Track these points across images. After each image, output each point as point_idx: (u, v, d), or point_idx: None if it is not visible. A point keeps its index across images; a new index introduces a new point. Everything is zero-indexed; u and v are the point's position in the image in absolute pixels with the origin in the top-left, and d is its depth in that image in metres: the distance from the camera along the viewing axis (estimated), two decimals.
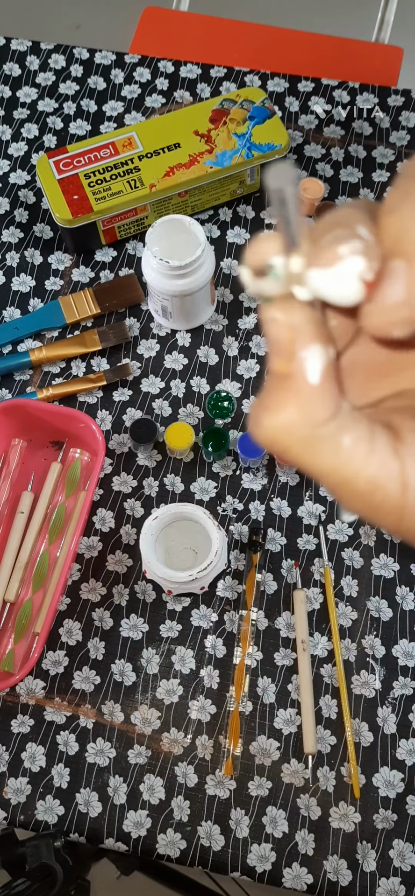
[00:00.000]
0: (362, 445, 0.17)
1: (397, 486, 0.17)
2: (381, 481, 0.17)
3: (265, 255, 0.16)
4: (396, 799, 0.51)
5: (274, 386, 0.17)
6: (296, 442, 0.17)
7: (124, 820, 0.51)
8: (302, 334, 0.16)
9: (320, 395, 0.17)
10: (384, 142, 0.74)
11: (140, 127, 0.69)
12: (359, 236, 0.16)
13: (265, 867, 0.50)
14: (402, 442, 0.17)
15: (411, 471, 0.17)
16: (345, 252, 0.15)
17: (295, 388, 0.17)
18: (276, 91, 0.77)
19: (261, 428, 0.17)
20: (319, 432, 0.17)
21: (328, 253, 0.16)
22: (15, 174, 0.73)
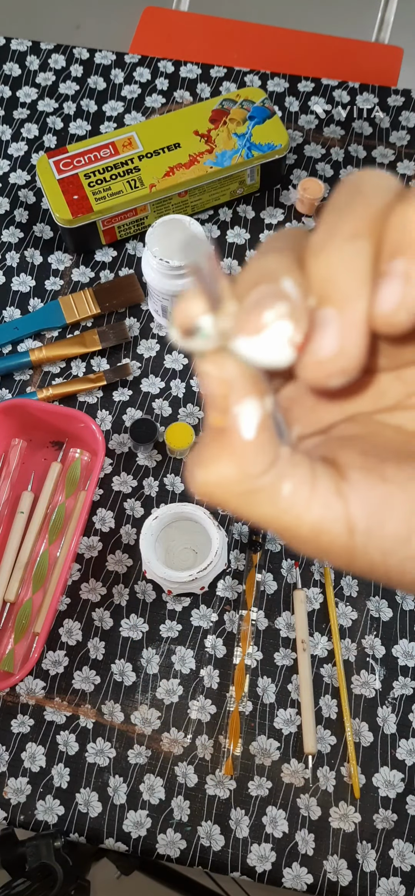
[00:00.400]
0: (303, 490, 0.16)
1: (342, 528, 0.16)
2: (325, 525, 0.16)
3: (192, 317, 0.15)
4: (396, 799, 0.51)
5: (209, 439, 0.16)
6: (232, 496, 0.16)
7: (124, 820, 0.51)
8: (235, 389, 0.15)
9: (256, 449, 0.16)
10: (384, 142, 0.74)
11: (140, 127, 0.69)
12: (284, 294, 0.15)
13: (265, 867, 0.50)
14: (346, 480, 0.16)
15: (356, 511, 0.16)
16: (270, 318, 0.14)
17: (230, 442, 0.16)
18: (276, 91, 0.77)
19: (196, 482, 0.17)
20: (255, 485, 0.16)
21: (253, 319, 0.15)
22: (15, 174, 0.73)
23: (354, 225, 0.15)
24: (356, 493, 0.16)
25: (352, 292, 0.15)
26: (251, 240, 0.70)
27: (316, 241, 0.15)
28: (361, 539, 0.16)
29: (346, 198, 0.16)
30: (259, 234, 0.70)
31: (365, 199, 0.15)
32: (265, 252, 0.16)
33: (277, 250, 0.16)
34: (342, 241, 0.15)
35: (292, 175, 0.72)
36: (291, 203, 0.71)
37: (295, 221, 0.70)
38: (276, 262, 0.15)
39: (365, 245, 0.15)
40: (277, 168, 0.70)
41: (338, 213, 0.15)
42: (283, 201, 0.71)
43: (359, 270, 0.15)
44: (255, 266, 0.16)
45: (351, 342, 0.15)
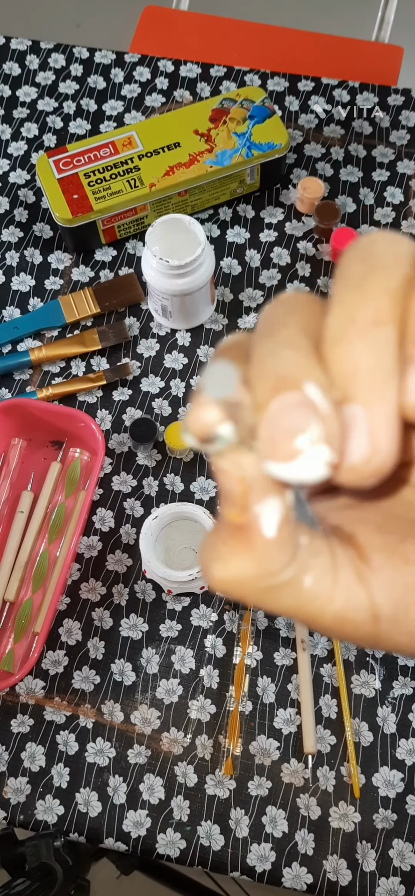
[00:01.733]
0: (325, 581, 0.15)
1: (366, 616, 0.16)
2: (348, 615, 0.16)
3: (209, 426, 0.14)
4: (395, 799, 0.51)
5: (225, 534, 0.15)
6: (252, 592, 0.16)
7: (124, 819, 0.51)
8: (256, 487, 0.15)
9: (276, 546, 0.15)
10: (384, 141, 0.74)
11: (140, 126, 0.69)
12: (313, 407, 0.13)
13: (265, 867, 0.50)
14: (367, 564, 0.16)
15: (380, 599, 0.15)
16: (304, 444, 0.13)
17: (249, 539, 0.15)
18: (276, 90, 0.77)
19: (212, 578, 0.16)
20: (275, 581, 0.15)
21: (284, 447, 0.13)
22: (15, 173, 0.73)
23: (375, 308, 0.14)
24: (379, 579, 0.16)
25: (380, 386, 0.13)
26: (251, 239, 0.70)
27: (334, 328, 0.14)
28: (386, 626, 0.16)
29: (360, 270, 0.14)
30: (259, 234, 0.70)
31: (383, 274, 0.14)
32: (273, 334, 0.14)
33: (289, 340, 0.14)
34: (364, 329, 0.14)
35: (292, 174, 0.72)
36: (291, 202, 0.71)
37: (295, 221, 0.70)
38: (292, 359, 0.14)
39: (389, 332, 0.14)
40: (277, 167, 0.70)
41: (354, 291, 0.14)
42: (283, 201, 0.71)
43: (385, 361, 0.13)
44: (268, 362, 0.14)
45: (384, 440, 0.14)
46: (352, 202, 0.71)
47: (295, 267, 0.69)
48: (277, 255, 0.69)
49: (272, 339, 0.14)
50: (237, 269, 0.69)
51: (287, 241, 0.70)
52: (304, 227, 0.70)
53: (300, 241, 0.70)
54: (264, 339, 0.15)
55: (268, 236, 0.70)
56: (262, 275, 0.68)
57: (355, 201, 0.71)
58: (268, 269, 0.69)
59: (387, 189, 0.72)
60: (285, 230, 0.70)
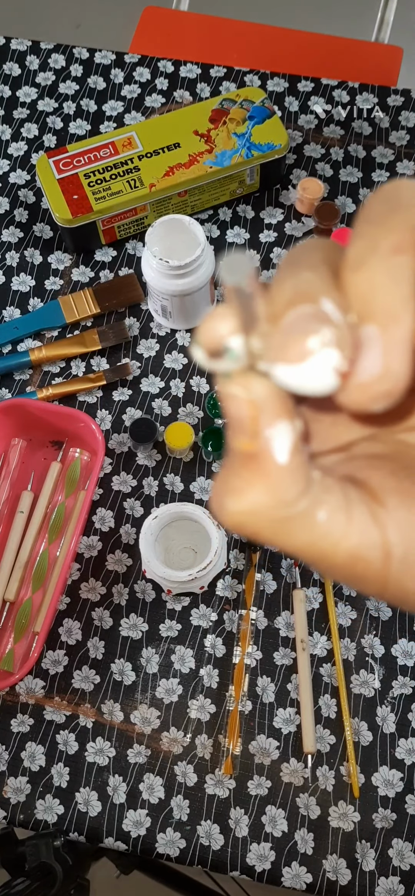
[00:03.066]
0: (339, 516, 0.15)
1: (378, 555, 0.16)
2: (362, 552, 0.16)
3: (221, 337, 0.14)
4: (395, 798, 0.51)
5: (237, 466, 0.15)
6: (266, 525, 0.15)
7: (124, 819, 0.51)
8: (266, 411, 0.15)
9: (290, 474, 0.15)
10: (384, 142, 0.74)
11: (140, 127, 0.69)
12: (326, 316, 0.14)
13: (265, 866, 0.50)
14: (382, 505, 0.16)
15: (393, 538, 0.16)
16: (315, 345, 0.13)
17: (261, 468, 0.15)
18: (275, 91, 0.77)
19: (226, 513, 0.16)
20: (290, 512, 0.15)
21: (296, 346, 0.14)
22: (15, 174, 0.73)
23: (396, 238, 0.14)
24: (393, 520, 0.16)
25: (396, 309, 0.14)
26: (251, 239, 0.70)
27: (354, 255, 0.14)
28: (396, 566, 0.16)
29: (382, 208, 0.15)
30: (259, 234, 0.70)
31: (406, 211, 0.14)
32: (296, 265, 0.15)
33: (310, 265, 0.14)
34: (385, 256, 0.14)
35: (292, 175, 0.72)
36: (291, 203, 0.71)
37: (294, 221, 0.70)
38: (311, 279, 0.14)
39: (409, 260, 0.14)
40: (277, 168, 0.70)
41: (376, 226, 0.14)
42: (282, 201, 0.71)
43: (403, 286, 0.14)
44: (288, 282, 0.14)
45: (397, 362, 0.14)
46: (352, 203, 0.71)
47: None
48: (277, 255, 0.69)
49: (294, 266, 0.15)
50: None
51: (287, 241, 0.70)
52: (303, 228, 0.70)
53: (300, 241, 0.70)
54: (287, 267, 0.15)
55: (268, 237, 0.70)
56: (261, 275, 0.68)
57: (355, 202, 0.71)
58: (268, 269, 0.69)
59: None
60: (285, 231, 0.70)
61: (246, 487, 0.15)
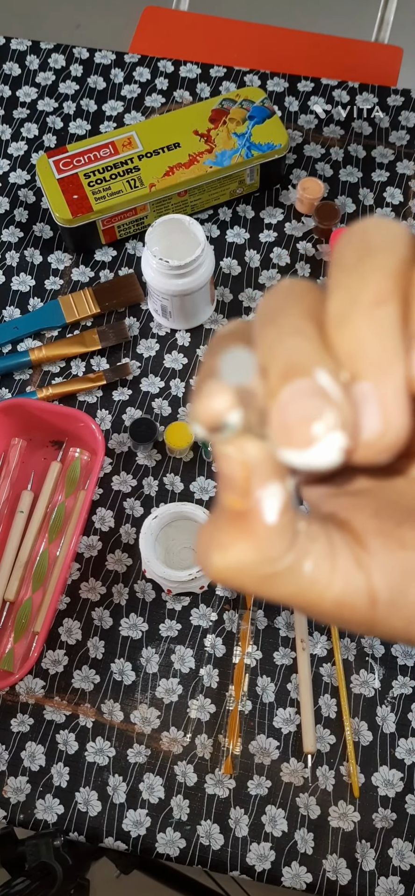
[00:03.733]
0: (324, 565, 0.15)
1: (364, 600, 0.16)
2: (347, 599, 0.16)
3: (218, 414, 0.14)
4: (395, 798, 0.51)
5: (224, 521, 0.15)
6: (251, 580, 0.15)
7: (124, 819, 0.51)
8: (258, 472, 0.14)
9: (277, 533, 0.15)
10: (384, 142, 0.74)
11: (140, 127, 0.69)
12: (326, 394, 0.13)
13: (265, 866, 0.50)
14: (365, 549, 0.16)
15: (378, 583, 0.16)
16: (320, 431, 0.13)
17: (249, 527, 0.15)
18: (275, 91, 0.77)
19: (211, 567, 0.16)
20: (275, 568, 0.15)
21: (300, 434, 0.14)
22: (15, 174, 0.73)
23: (375, 289, 0.14)
24: (377, 563, 0.16)
25: (387, 361, 0.14)
26: (251, 239, 0.70)
27: (336, 311, 0.14)
28: (383, 609, 0.16)
29: (355, 254, 0.14)
30: (259, 234, 0.70)
31: (379, 256, 0.14)
32: (278, 322, 0.14)
33: (295, 327, 0.14)
34: (367, 309, 0.14)
35: (292, 175, 0.72)
36: (291, 203, 0.71)
37: (294, 221, 0.70)
38: (301, 347, 0.14)
39: (392, 309, 0.14)
40: (277, 168, 0.70)
41: (352, 275, 0.14)
42: (282, 201, 0.71)
43: (390, 338, 0.14)
44: (278, 348, 0.14)
45: (395, 415, 0.14)
46: (352, 203, 0.71)
47: (295, 267, 0.69)
48: (277, 255, 0.69)
49: (277, 326, 0.14)
50: (237, 269, 0.69)
51: (287, 241, 0.70)
52: (303, 228, 0.70)
53: (300, 241, 0.70)
54: (269, 327, 0.15)
55: (268, 237, 0.70)
56: (261, 275, 0.68)
57: (355, 202, 0.71)
58: (268, 269, 0.69)
59: (387, 189, 0.72)
60: (285, 230, 0.70)
61: (232, 544, 0.15)
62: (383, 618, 0.16)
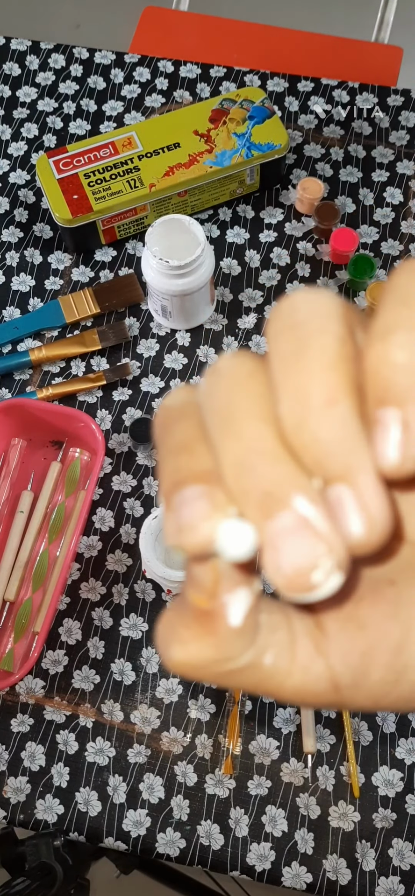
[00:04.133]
0: (283, 657, 0.15)
1: (327, 686, 0.15)
2: (308, 687, 0.15)
3: (208, 545, 0.14)
4: (395, 798, 0.51)
5: (186, 616, 0.15)
6: (209, 675, 0.15)
7: (124, 819, 0.51)
8: (226, 578, 0.14)
9: (240, 633, 0.15)
10: (384, 142, 0.74)
11: (140, 127, 0.69)
12: (315, 530, 0.13)
13: (265, 866, 0.50)
14: (324, 634, 0.15)
15: (338, 668, 0.15)
16: (319, 578, 0.13)
17: (211, 626, 0.15)
18: (275, 91, 0.77)
19: (170, 659, 0.15)
20: (235, 666, 0.15)
21: (299, 583, 0.13)
22: (15, 174, 0.73)
23: (324, 388, 0.13)
24: (336, 648, 0.15)
25: (354, 459, 0.13)
26: (251, 239, 0.70)
27: (291, 418, 0.14)
28: (348, 692, 0.15)
29: (292, 346, 0.14)
30: (259, 234, 0.70)
31: (316, 345, 0.14)
32: (235, 429, 0.14)
33: (259, 446, 0.14)
34: (321, 412, 0.13)
35: (292, 175, 0.72)
36: (291, 203, 0.71)
37: (294, 221, 0.70)
38: (273, 472, 0.13)
39: (346, 406, 0.13)
40: (277, 168, 0.70)
41: (294, 373, 0.14)
42: (282, 201, 0.71)
43: (352, 436, 0.13)
44: (247, 475, 0.14)
45: (376, 508, 0.13)
46: (352, 203, 0.71)
47: (295, 267, 0.69)
48: (277, 255, 0.69)
49: (237, 438, 0.14)
50: (237, 269, 0.69)
51: (287, 241, 0.70)
52: (303, 228, 0.70)
53: (300, 241, 0.70)
54: (228, 437, 0.14)
55: (268, 237, 0.70)
56: (261, 275, 0.68)
57: (355, 202, 0.71)
58: (268, 269, 0.69)
59: (386, 189, 0.72)
60: (285, 231, 0.70)
61: (193, 640, 0.15)
62: (349, 699, 0.16)
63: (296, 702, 0.16)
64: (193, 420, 0.15)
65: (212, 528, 0.14)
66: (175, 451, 0.15)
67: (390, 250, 0.69)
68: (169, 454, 0.15)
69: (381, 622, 0.15)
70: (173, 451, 0.15)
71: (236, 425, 0.14)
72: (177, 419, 0.15)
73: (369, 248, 0.69)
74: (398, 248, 0.69)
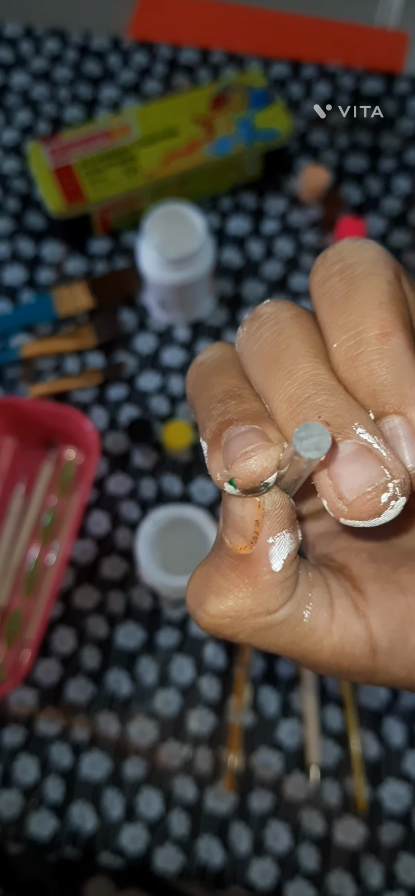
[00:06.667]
0: (322, 613, 0.15)
1: (365, 649, 0.15)
2: (347, 648, 0.15)
3: (259, 477, 0.14)
4: (402, 812, 0.49)
5: (224, 566, 0.15)
6: (246, 629, 0.15)
7: (120, 834, 0.49)
8: (272, 520, 0.14)
9: (280, 583, 0.14)
10: (390, 129, 0.72)
11: (137, 113, 0.66)
12: (379, 456, 0.13)
13: (267, 882, 0.48)
14: (363, 596, 0.15)
15: (378, 630, 0.15)
16: (385, 499, 0.13)
17: (251, 573, 0.14)
18: (278, 77, 0.74)
19: (205, 612, 0.15)
20: (274, 619, 0.15)
21: (367, 507, 0.13)
22: (7, 162, 0.71)
23: (378, 322, 0.14)
24: (376, 610, 0.15)
25: (409, 392, 0.14)
26: (252, 230, 0.67)
27: (345, 353, 0.14)
28: (384, 658, 0.15)
29: (343, 286, 0.14)
30: (261, 224, 0.68)
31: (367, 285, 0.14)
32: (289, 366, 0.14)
33: (315, 378, 0.14)
34: (377, 345, 0.14)
35: (295, 163, 0.70)
36: (295, 191, 0.69)
37: (298, 210, 0.68)
38: (332, 403, 0.13)
39: (400, 339, 0.14)
40: (280, 155, 0.67)
41: (347, 311, 0.14)
42: (286, 190, 0.69)
43: (406, 366, 0.14)
44: (306, 407, 0.14)
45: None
46: (357, 191, 0.69)
47: (298, 259, 0.66)
48: (280, 246, 0.67)
49: (288, 377, 0.14)
50: (238, 261, 0.66)
51: (290, 231, 0.67)
52: (308, 218, 0.68)
53: (304, 231, 0.67)
54: (278, 377, 0.14)
55: (270, 226, 0.68)
56: (264, 267, 0.66)
57: (361, 190, 0.69)
58: (270, 260, 0.66)
59: (393, 177, 0.69)
60: (288, 220, 0.68)
61: (231, 589, 0.15)
62: (384, 666, 0.15)
63: (332, 667, 0.15)
64: (234, 370, 0.15)
65: (267, 458, 0.13)
66: (220, 398, 0.14)
67: (398, 242, 0.67)
68: (213, 402, 0.14)
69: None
70: (218, 399, 0.14)
71: (287, 364, 0.14)
72: (214, 372, 0.15)
73: (376, 239, 0.67)
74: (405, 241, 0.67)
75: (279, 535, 0.14)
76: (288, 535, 0.14)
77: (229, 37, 0.93)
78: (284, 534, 0.14)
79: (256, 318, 0.15)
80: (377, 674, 0.15)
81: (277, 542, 0.14)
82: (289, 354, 0.14)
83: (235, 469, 0.13)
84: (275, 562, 0.14)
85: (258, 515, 0.14)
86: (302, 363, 0.14)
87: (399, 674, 0.15)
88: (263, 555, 0.14)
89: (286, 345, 0.14)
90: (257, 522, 0.14)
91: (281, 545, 0.14)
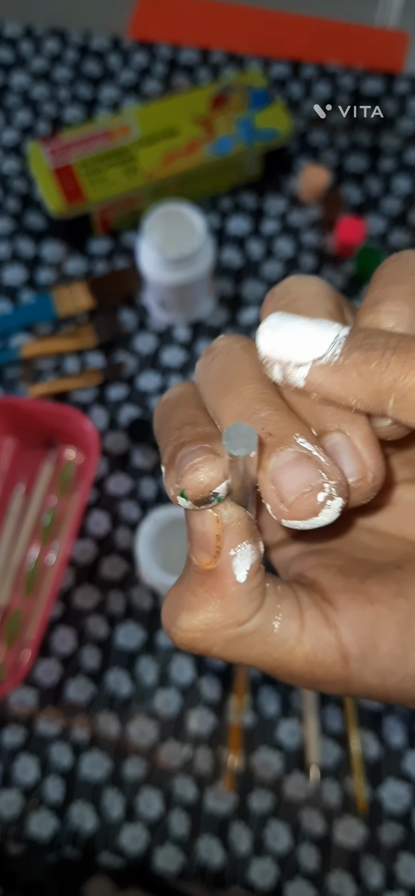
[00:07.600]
0: (292, 624, 0.16)
1: (336, 657, 0.16)
2: (318, 657, 0.16)
3: (212, 488, 0.14)
4: (402, 812, 0.49)
5: (193, 582, 0.15)
6: (219, 643, 0.15)
7: (120, 834, 0.49)
8: (232, 532, 0.15)
9: (247, 594, 0.15)
10: (390, 129, 0.72)
11: (137, 113, 0.66)
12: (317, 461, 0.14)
13: (267, 882, 0.48)
14: (332, 606, 0.16)
15: (348, 638, 0.16)
16: (322, 499, 0.14)
17: (218, 587, 0.15)
18: (278, 77, 0.74)
19: (178, 629, 0.16)
20: (244, 630, 0.15)
21: (304, 506, 0.14)
22: (7, 162, 0.71)
23: None
24: (345, 619, 0.16)
25: (348, 413, 0.15)
26: (252, 230, 0.67)
27: None
28: (356, 665, 0.16)
29: None
30: (261, 224, 0.68)
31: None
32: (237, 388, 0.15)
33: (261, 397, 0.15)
34: None
35: (295, 163, 0.70)
36: (295, 191, 0.69)
37: (298, 210, 0.68)
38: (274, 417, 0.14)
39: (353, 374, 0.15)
40: (280, 155, 0.67)
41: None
42: (286, 189, 0.69)
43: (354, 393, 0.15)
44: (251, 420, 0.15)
45: (370, 455, 0.15)
46: (357, 191, 0.69)
47: (298, 259, 0.66)
48: (280, 246, 0.67)
49: (238, 396, 0.15)
50: (238, 261, 0.66)
51: (290, 231, 0.67)
52: (308, 218, 0.68)
53: (304, 231, 0.67)
54: (229, 396, 0.15)
55: (270, 226, 0.67)
56: (264, 267, 0.66)
57: (361, 190, 0.69)
58: (270, 260, 0.66)
59: (393, 178, 0.69)
60: (288, 220, 0.68)
61: (201, 604, 0.15)
62: (357, 674, 0.16)
63: (306, 676, 0.16)
64: (193, 402, 0.16)
65: (213, 468, 0.14)
66: (177, 426, 0.15)
67: (398, 242, 0.67)
68: (172, 431, 0.15)
69: (388, 598, 0.16)
70: (176, 427, 0.15)
71: (236, 386, 0.15)
72: (176, 406, 0.16)
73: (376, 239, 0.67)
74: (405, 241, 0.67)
75: (240, 546, 0.15)
76: (249, 546, 0.15)
77: (229, 37, 0.93)
78: (244, 545, 0.15)
79: (210, 351, 0.16)
80: (352, 683, 0.16)
81: (239, 553, 0.15)
82: (238, 379, 0.15)
83: (184, 481, 0.14)
84: (239, 573, 0.15)
85: (218, 530, 0.15)
86: (249, 385, 0.15)
87: (372, 681, 0.16)
88: (227, 567, 0.15)
89: (236, 371, 0.15)
90: (218, 537, 0.15)
91: (243, 556, 0.15)
